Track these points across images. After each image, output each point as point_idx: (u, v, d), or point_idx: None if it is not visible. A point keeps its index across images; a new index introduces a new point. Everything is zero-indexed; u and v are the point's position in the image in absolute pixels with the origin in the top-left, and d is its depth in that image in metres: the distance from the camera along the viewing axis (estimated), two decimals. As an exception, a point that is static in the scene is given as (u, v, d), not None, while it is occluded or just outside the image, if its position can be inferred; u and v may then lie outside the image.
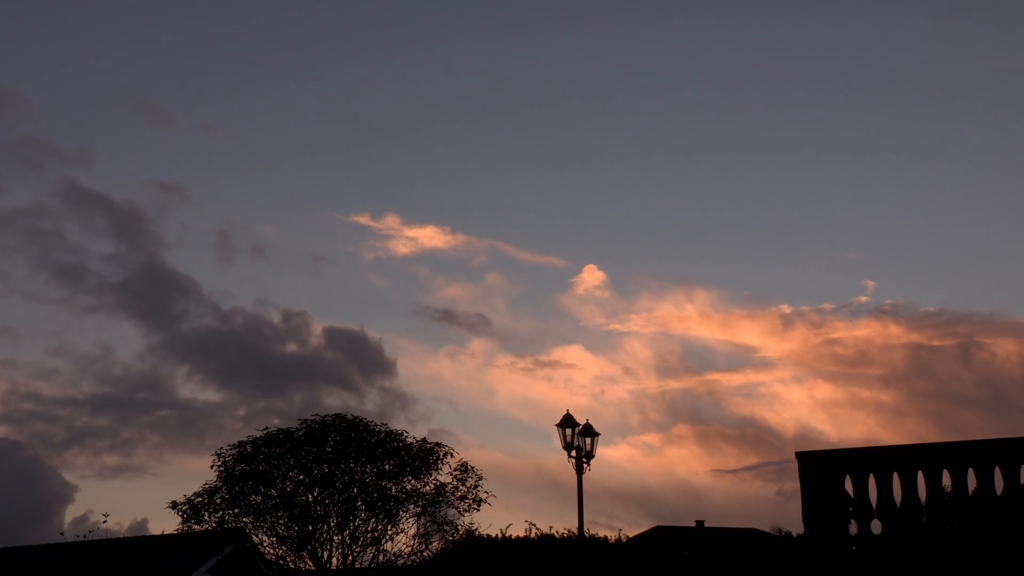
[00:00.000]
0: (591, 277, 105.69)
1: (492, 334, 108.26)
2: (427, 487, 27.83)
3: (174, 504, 27.58)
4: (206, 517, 27.36)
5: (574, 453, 31.54)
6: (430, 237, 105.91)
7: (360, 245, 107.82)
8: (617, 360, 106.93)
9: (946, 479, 14.45)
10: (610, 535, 32.19)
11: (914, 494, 14.41)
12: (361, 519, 27.09)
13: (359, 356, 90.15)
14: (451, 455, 28.38)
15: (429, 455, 28.03)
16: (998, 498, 14.04)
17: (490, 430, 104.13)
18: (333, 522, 26.94)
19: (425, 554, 27.87)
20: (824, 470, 14.92)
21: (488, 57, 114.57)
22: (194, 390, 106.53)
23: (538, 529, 30.52)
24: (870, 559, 14.46)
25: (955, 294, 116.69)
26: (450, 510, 28.07)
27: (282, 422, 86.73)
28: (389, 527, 27.31)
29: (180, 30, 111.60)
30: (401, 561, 27.60)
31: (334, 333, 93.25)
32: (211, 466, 27.97)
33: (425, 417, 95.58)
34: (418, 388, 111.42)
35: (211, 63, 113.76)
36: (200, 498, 27.46)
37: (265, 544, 27.48)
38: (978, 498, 14.17)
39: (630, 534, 48.12)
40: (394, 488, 27.40)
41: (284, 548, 27.16)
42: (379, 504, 27.01)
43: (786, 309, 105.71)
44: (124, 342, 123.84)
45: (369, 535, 27.09)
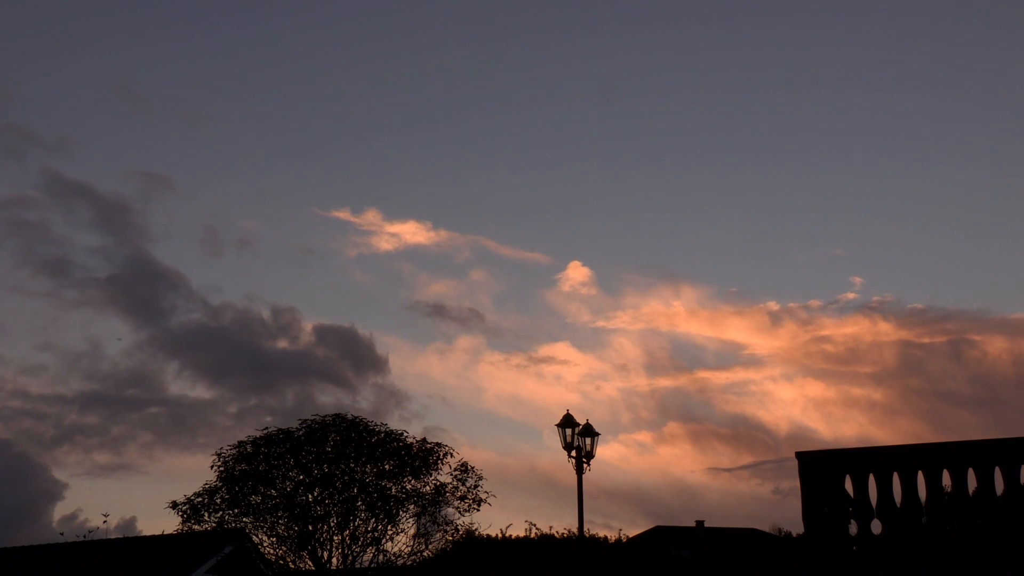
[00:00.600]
0: (576, 274, 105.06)
1: (482, 330, 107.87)
2: (427, 487, 27.84)
3: (174, 504, 27.59)
4: (206, 517, 27.36)
5: (574, 453, 31.52)
6: (412, 233, 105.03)
7: (343, 241, 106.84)
8: (606, 357, 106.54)
9: (946, 479, 14.45)
10: (609, 535, 32.24)
11: (914, 494, 14.41)
12: (361, 519, 27.09)
13: (351, 353, 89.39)
14: (451, 455, 28.41)
15: (429, 455, 28.02)
16: (998, 498, 14.05)
17: (481, 428, 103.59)
18: (333, 522, 26.94)
19: (425, 554, 27.88)
20: (824, 470, 14.92)
21: (470, 53, 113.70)
22: (184, 387, 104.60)
23: (538, 529, 30.58)
24: (870, 559, 14.46)
25: (942, 290, 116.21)
26: (450, 510, 28.09)
27: (275, 420, 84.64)
28: (389, 527, 27.31)
29: (161, 16, 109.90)
30: (401, 561, 27.60)
31: (325, 330, 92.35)
32: (211, 466, 28.01)
33: (419, 415, 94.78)
34: (409, 385, 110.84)
35: (193, 50, 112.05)
36: (200, 498, 27.47)
37: (265, 544, 27.48)
38: (978, 498, 14.17)
39: (629, 534, 48.08)
40: (394, 488, 27.40)
41: (284, 548, 27.16)
42: (379, 504, 27.01)
43: (774, 306, 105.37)
44: (112, 337, 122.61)
45: (369, 535, 27.08)
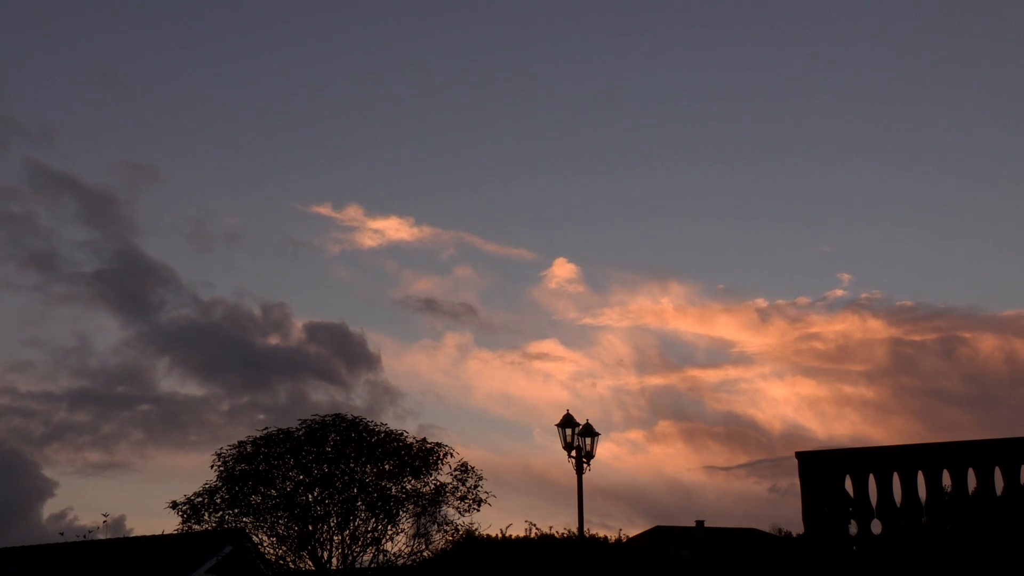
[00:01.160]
0: (562, 270, 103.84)
1: (474, 326, 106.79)
2: (427, 487, 27.85)
3: (174, 504, 27.62)
4: (206, 517, 27.38)
5: (574, 453, 31.53)
6: (396, 229, 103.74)
7: (326, 238, 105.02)
8: (595, 355, 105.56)
9: (946, 479, 14.45)
10: (609, 535, 32.21)
11: (914, 494, 14.41)
12: (361, 519, 27.10)
13: (343, 350, 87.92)
14: (451, 455, 28.42)
15: (429, 455, 28.03)
16: (998, 498, 14.04)
17: (472, 426, 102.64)
18: (333, 522, 26.95)
19: (425, 554, 27.88)
20: (824, 470, 14.92)
21: (450, 48, 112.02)
22: (175, 384, 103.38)
23: (538, 529, 30.56)
24: (870, 559, 14.46)
25: (930, 287, 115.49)
26: (449, 510, 28.10)
27: (268, 418, 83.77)
28: (389, 527, 27.32)
29: (143, 3, 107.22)
30: (401, 561, 27.61)
31: (316, 326, 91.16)
32: (211, 466, 28.04)
33: (414, 412, 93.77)
34: (399, 383, 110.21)
35: (174, 38, 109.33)
36: (200, 498, 27.49)
37: (265, 544, 27.49)
38: (978, 498, 14.17)
39: (628, 534, 48.05)
40: (394, 488, 27.41)
41: (284, 548, 27.17)
42: (379, 504, 27.02)
43: (762, 303, 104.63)
44: (101, 333, 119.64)
45: (369, 535, 27.09)
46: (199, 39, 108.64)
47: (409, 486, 27.63)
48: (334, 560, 26.79)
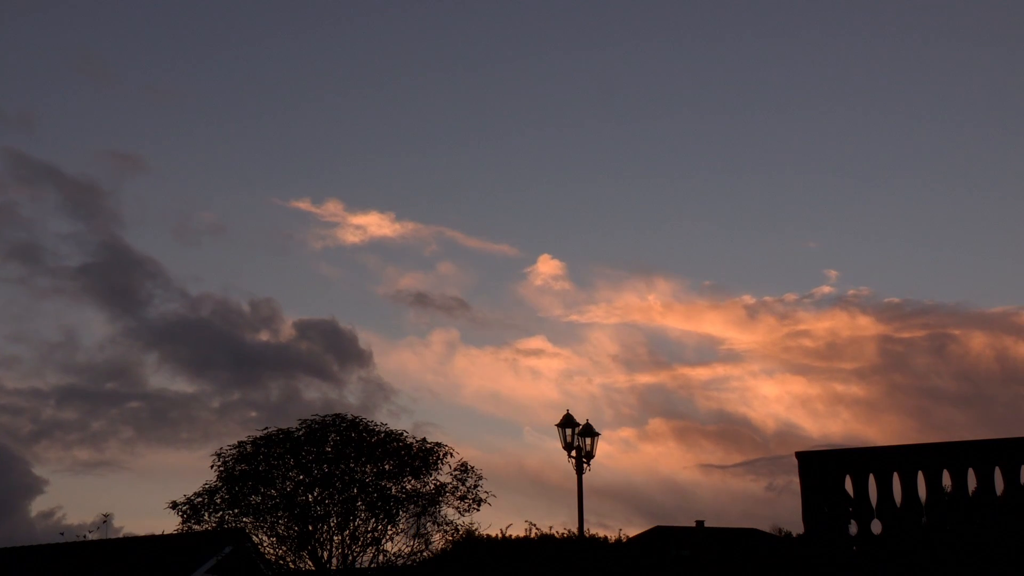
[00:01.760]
0: (547, 267, 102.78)
1: (464, 320, 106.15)
2: (427, 487, 27.84)
3: (174, 504, 27.62)
4: (206, 517, 27.38)
5: (574, 453, 31.54)
6: (378, 225, 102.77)
7: (307, 233, 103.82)
8: (583, 352, 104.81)
9: (946, 479, 14.45)
10: (609, 535, 32.17)
11: (914, 494, 14.41)
12: (361, 519, 27.10)
13: (334, 346, 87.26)
14: (451, 455, 28.42)
15: (429, 455, 28.04)
16: (998, 498, 14.05)
17: (462, 424, 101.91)
18: (333, 522, 26.94)
19: (425, 554, 27.88)
20: (824, 470, 14.92)
21: (427, 41, 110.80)
22: (164, 380, 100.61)
23: (538, 529, 30.50)
24: (870, 559, 14.46)
25: (916, 284, 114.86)
26: (449, 510, 28.09)
27: (260, 415, 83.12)
28: (389, 527, 27.32)
29: None
30: (401, 561, 27.61)
31: (306, 322, 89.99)
32: (211, 466, 28.02)
33: (408, 410, 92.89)
34: (390, 380, 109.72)
35: (155, 22, 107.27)
36: (200, 498, 27.48)
37: (265, 544, 27.49)
38: (978, 498, 14.17)
39: (628, 533, 48.07)
40: (394, 488, 27.41)
41: (284, 548, 27.17)
42: (379, 504, 27.02)
43: (749, 300, 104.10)
44: (87, 328, 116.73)
45: (369, 535, 27.09)
46: (180, 25, 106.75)
47: (409, 486, 27.63)
48: (334, 560, 26.79)
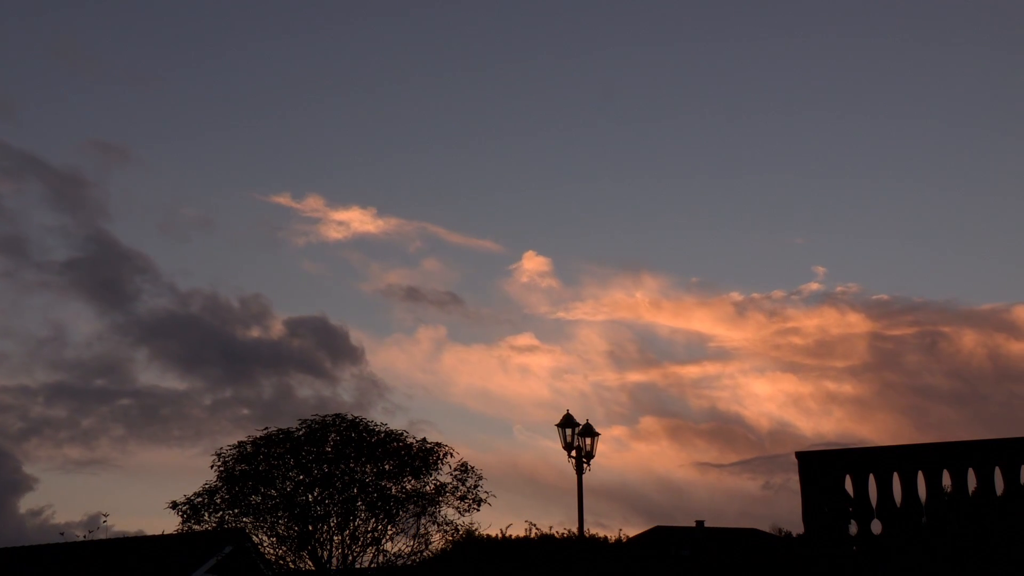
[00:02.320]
0: (532, 264, 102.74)
1: (446, 322, 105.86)
2: (427, 487, 27.84)
3: (174, 504, 27.62)
4: (206, 517, 27.38)
5: (574, 453, 31.53)
6: (360, 221, 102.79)
7: (289, 229, 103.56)
8: (572, 350, 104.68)
9: (946, 479, 14.45)
10: (608, 535, 32.15)
11: (914, 494, 14.41)
12: (361, 519, 27.10)
13: (325, 343, 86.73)
14: (451, 455, 28.42)
15: (429, 455, 28.04)
16: (998, 498, 14.05)
17: (452, 422, 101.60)
18: (333, 522, 26.94)
19: (425, 554, 27.88)
20: (824, 470, 14.92)
21: (407, 33, 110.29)
22: (155, 377, 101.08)
23: (538, 529, 30.50)
24: (870, 559, 14.46)
25: (904, 281, 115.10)
26: (449, 510, 28.09)
27: (253, 412, 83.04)
28: (389, 527, 27.33)
29: None
30: (401, 561, 27.61)
31: (296, 318, 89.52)
32: (211, 466, 28.03)
33: (403, 408, 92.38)
34: (383, 378, 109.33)
35: (135, 10, 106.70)
36: (200, 498, 27.49)
37: (265, 544, 27.50)
38: (978, 498, 14.17)
39: (628, 533, 48.09)
40: (394, 488, 27.41)
41: (284, 548, 27.17)
42: (379, 504, 27.02)
43: (737, 296, 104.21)
44: (76, 323, 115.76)
45: (369, 535, 27.10)
46: (162, 14, 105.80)
47: (409, 486, 27.63)
48: (334, 560, 26.79)
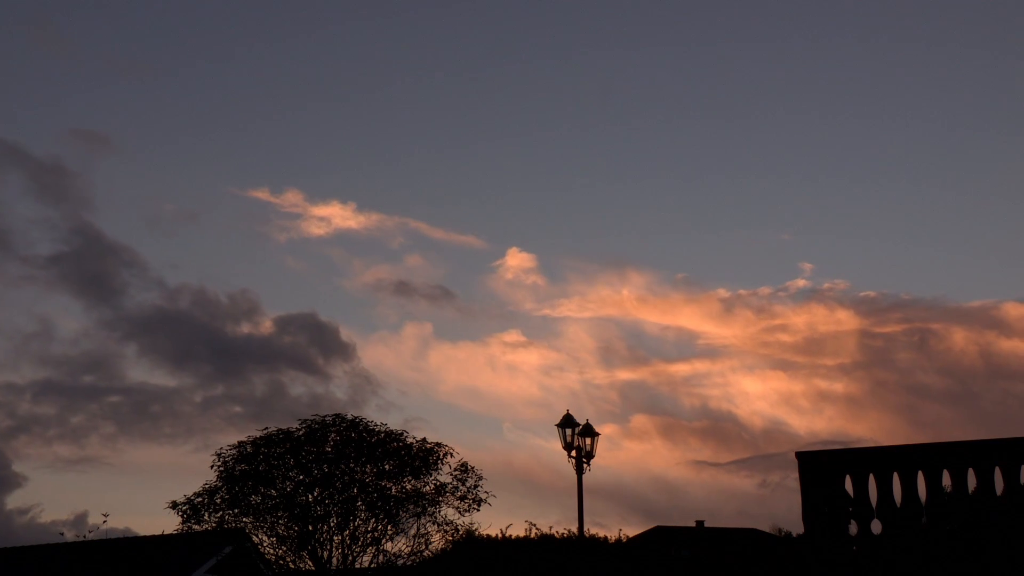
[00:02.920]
0: (516, 260, 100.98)
1: (434, 318, 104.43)
2: (427, 487, 27.85)
3: (174, 504, 27.63)
4: (206, 517, 27.38)
5: (574, 453, 31.53)
6: (343, 217, 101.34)
7: (269, 225, 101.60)
8: (559, 347, 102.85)
9: (946, 479, 14.45)
10: (608, 535, 32.20)
11: (914, 494, 14.41)
12: (361, 519, 27.11)
13: (316, 339, 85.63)
14: (451, 455, 28.42)
15: (429, 455, 28.04)
16: (998, 498, 14.05)
17: (441, 421, 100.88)
18: (333, 522, 26.95)
19: (425, 554, 27.88)
20: (824, 470, 14.93)
21: (384, 25, 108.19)
22: (144, 373, 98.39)
23: (538, 529, 30.54)
24: (870, 559, 14.46)
25: (891, 277, 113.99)
26: (449, 510, 28.09)
27: (245, 410, 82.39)
28: (389, 527, 27.33)
29: None
30: (401, 561, 27.62)
31: (286, 314, 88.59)
32: (211, 466, 28.05)
33: (397, 405, 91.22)
34: (373, 375, 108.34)
35: None
36: (200, 498, 27.49)
37: (265, 544, 27.50)
38: (978, 498, 14.17)
39: (628, 534, 48.10)
40: (394, 488, 27.41)
41: (284, 548, 27.18)
42: (379, 504, 27.02)
43: (724, 293, 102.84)
44: (62, 318, 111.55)
45: (369, 535, 27.10)
46: (141, 3, 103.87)
47: (409, 486, 27.63)
48: (334, 560, 26.79)
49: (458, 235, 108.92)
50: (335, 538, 26.92)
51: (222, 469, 27.78)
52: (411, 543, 27.70)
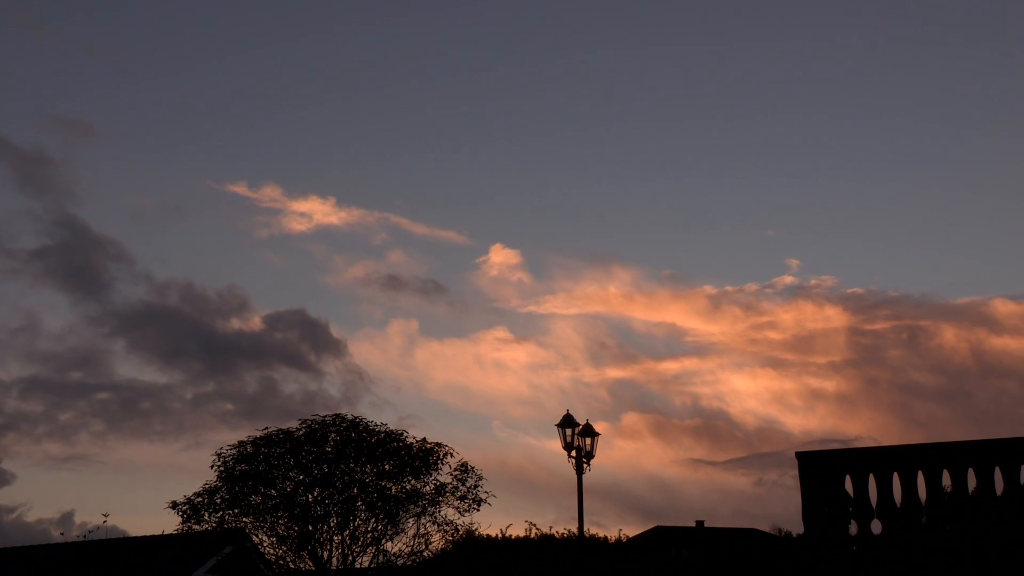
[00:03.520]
0: (500, 256, 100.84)
1: (420, 315, 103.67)
2: (427, 487, 27.86)
3: (174, 504, 27.64)
4: (206, 517, 27.39)
5: (574, 453, 31.52)
6: (323, 212, 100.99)
7: (249, 221, 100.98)
8: (547, 344, 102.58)
9: (946, 479, 14.45)
10: (608, 535, 32.16)
11: (914, 494, 14.41)
12: (361, 519, 27.12)
13: (308, 336, 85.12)
14: (451, 455, 28.43)
15: (429, 455, 28.05)
16: (998, 498, 14.05)
17: (432, 419, 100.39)
18: (333, 522, 26.96)
19: (425, 554, 27.89)
20: (824, 470, 14.92)
21: (365, 21, 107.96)
22: (133, 369, 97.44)
23: (538, 529, 30.51)
24: (870, 559, 14.46)
25: (878, 274, 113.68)
26: (449, 510, 28.10)
27: (237, 407, 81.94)
28: (389, 527, 27.33)
29: None
30: (401, 561, 27.62)
31: (276, 310, 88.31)
32: (211, 466, 28.06)
33: (391, 402, 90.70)
34: (365, 372, 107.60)
35: None
36: (200, 498, 27.50)
37: (265, 544, 27.51)
38: (978, 498, 14.17)
39: (628, 534, 48.11)
40: (394, 488, 27.42)
41: (284, 548, 27.18)
42: (379, 504, 27.03)
43: (711, 290, 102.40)
44: (49, 313, 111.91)
45: (369, 535, 27.11)
46: None
47: (409, 486, 27.64)
48: (334, 560, 26.80)
49: (441, 231, 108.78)
50: (335, 538, 26.92)
51: (222, 469, 27.79)
52: (411, 543, 27.72)
